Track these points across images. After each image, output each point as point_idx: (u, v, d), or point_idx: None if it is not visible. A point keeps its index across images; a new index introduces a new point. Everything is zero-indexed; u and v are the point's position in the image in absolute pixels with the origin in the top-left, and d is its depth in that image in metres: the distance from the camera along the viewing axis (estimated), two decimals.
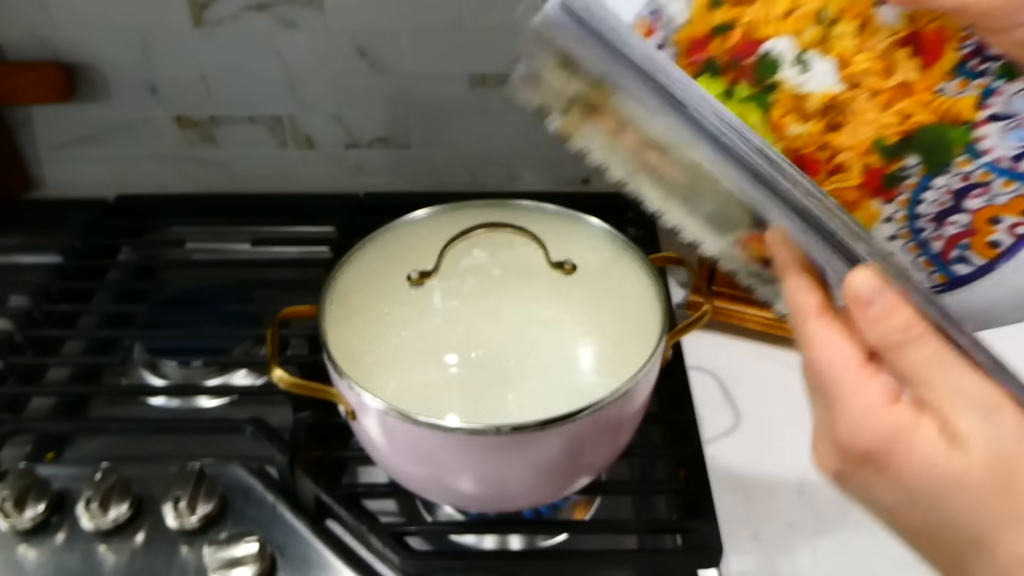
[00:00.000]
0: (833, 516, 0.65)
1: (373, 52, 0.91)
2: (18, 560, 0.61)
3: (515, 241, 0.63)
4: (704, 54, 0.43)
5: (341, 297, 0.61)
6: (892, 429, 0.32)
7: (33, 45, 0.92)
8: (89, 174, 1.02)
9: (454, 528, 0.67)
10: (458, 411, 0.54)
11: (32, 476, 0.63)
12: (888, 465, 0.32)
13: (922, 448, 0.32)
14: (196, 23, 0.90)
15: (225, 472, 0.67)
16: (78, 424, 0.77)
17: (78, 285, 0.88)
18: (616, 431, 0.60)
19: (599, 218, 0.68)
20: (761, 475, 0.68)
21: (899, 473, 0.32)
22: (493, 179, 1.02)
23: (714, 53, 0.42)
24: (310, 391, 0.58)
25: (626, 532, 0.68)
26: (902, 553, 0.63)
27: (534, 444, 0.54)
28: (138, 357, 0.83)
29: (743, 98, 0.42)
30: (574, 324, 0.60)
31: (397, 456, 0.59)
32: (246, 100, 0.96)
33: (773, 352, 0.80)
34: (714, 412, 0.74)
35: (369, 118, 0.97)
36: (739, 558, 0.62)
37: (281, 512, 0.64)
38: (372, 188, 1.01)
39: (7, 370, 0.77)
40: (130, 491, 0.64)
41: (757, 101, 0.42)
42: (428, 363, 0.58)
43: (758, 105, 0.42)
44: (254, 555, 0.58)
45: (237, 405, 0.78)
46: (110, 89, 0.96)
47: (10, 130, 0.99)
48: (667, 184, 0.45)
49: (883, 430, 0.32)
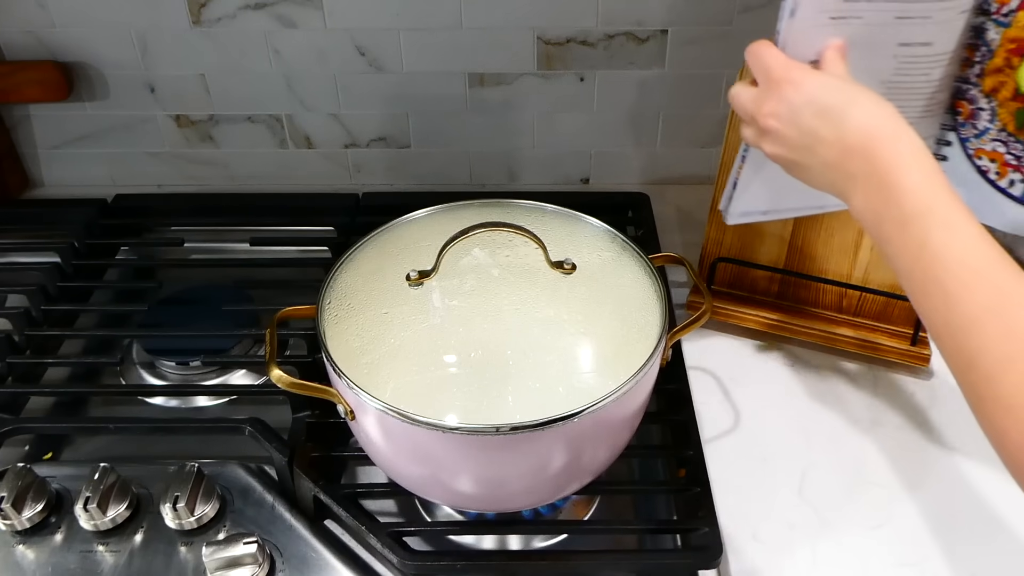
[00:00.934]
0: (833, 516, 0.65)
1: (372, 51, 0.91)
2: (17, 560, 0.61)
3: (515, 241, 0.63)
4: None
5: (340, 297, 0.61)
6: (798, 68, 0.53)
7: (31, 44, 0.92)
8: (87, 173, 1.02)
9: (453, 528, 0.67)
10: (457, 411, 0.54)
11: (31, 476, 0.63)
12: (794, 81, 0.51)
13: (813, 74, 0.52)
14: (194, 22, 0.89)
15: (224, 472, 0.66)
16: (77, 424, 0.76)
17: (76, 285, 0.88)
18: (616, 431, 0.60)
19: (599, 218, 0.68)
20: (761, 475, 0.68)
21: (807, 82, 0.51)
22: (493, 179, 1.02)
23: None
24: (309, 391, 0.58)
25: (626, 532, 0.68)
26: (902, 553, 0.63)
27: (534, 444, 0.54)
28: (137, 357, 0.83)
29: None
30: (574, 324, 0.60)
31: (396, 456, 0.59)
32: (245, 99, 0.96)
33: (773, 352, 0.80)
34: (714, 412, 0.74)
35: (368, 118, 0.97)
36: (739, 558, 0.62)
37: (280, 512, 0.64)
38: (371, 188, 1.01)
39: (5, 370, 0.76)
40: (128, 491, 0.64)
41: None
42: (427, 363, 0.58)
43: None
44: (253, 555, 0.58)
45: (236, 405, 0.78)
46: (108, 88, 0.95)
47: (8, 129, 0.99)
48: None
49: (794, 67, 0.52)
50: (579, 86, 0.93)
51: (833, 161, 0.49)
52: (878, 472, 0.69)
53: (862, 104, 0.48)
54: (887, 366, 0.77)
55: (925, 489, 0.67)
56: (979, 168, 0.62)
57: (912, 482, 0.68)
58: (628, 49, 0.90)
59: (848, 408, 0.74)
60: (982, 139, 0.61)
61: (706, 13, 0.87)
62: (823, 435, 0.72)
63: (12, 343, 0.79)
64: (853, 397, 0.75)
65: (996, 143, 0.61)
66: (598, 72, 0.92)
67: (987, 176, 0.62)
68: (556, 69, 0.92)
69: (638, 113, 0.96)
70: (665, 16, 0.88)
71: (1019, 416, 0.39)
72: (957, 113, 0.62)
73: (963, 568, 0.62)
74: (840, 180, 0.49)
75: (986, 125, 0.61)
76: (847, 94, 0.49)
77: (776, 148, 0.53)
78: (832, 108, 0.49)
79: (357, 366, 0.56)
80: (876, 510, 0.66)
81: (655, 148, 0.99)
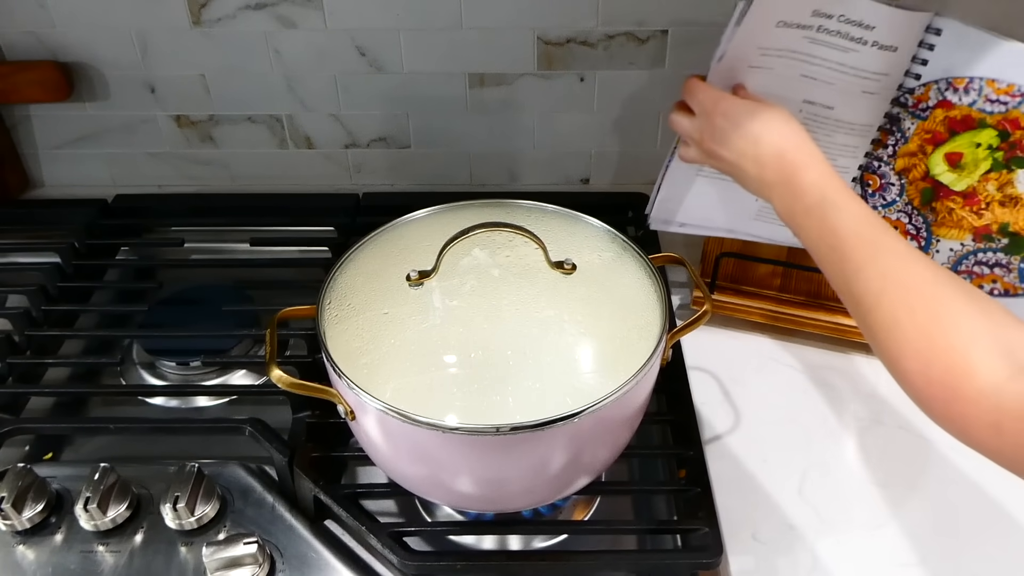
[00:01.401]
0: (833, 516, 0.65)
1: (373, 52, 0.91)
2: (17, 560, 0.61)
3: (515, 241, 0.63)
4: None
5: (340, 297, 0.61)
6: (725, 100, 0.63)
7: (32, 45, 0.92)
8: (88, 174, 1.02)
9: (453, 528, 0.67)
10: (457, 411, 0.54)
11: (31, 476, 0.63)
12: (729, 113, 0.62)
13: (737, 102, 0.62)
14: (194, 22, 0.89)
15: (224, 472, 0.66)
16: (77, 424, 0.76)
17: (77, 285, 0.88)
18: (616, 431, 0.60)
19: (599, 218, 0.68)
20: (761, 475, 0.68)
21: (732, 111, 0.61)
22: (493, 179, 1.02)
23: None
24: (309, 391, 0.58)
25: (626, 532, 0.68)
26: (902, 553, 0.63)
27: (534, 444, 0.54)
28: (137, 357, 0.83)
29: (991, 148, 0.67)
30: (574, 324, 0.60)
31: (396, 456, 0.59)
32: (245, 100, 0.96)
33: (773, 352, 0.80)
34: (714, 412, 0.74)
35: (368, 118, 0.97)
36: (739, 558, 0.62)
37: (280, 512, 0.64)
38: (371, 188, 1.01)
39: (6, 370, 0.76)
40: (129, 491, 0.64)
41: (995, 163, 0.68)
42: (427, 363, 0.57)
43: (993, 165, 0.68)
44: (253, 555, 0.58)
45: (236, 405, 0.78)
46: (108, 89, 0.95)
47: (8, 130, 0.99)
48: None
49: (721, 100, 0.63)
50: (579, 86, 0.93)
51: (756, 174, 0.60)
52: (878, 472, 0.69)
53: (773, 126, 0.60)
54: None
55: (925, 489, 0.67)
56: None
57: (912, 482, 0.68)
58: (628, 49, 0.90)
59: (848, 408, 0.74)
60: (889, 209, 0.73)
61: (706, 13, 0.87)
62: (823, 435, 0.72)
63: (12, 343, 0.79)
64: (854, 397, 0.75)
65: (900, 214, 0.72)
66: (598, 72, 0.92)
67: None
68: (556, 69, 0.92)
69: (638, 113, 0.96)
70: (665, 16, 0.88)
71: (896, 336, 0.49)
72: (867, 184, 0.73)
73: (963, 568, 0.62)
74: (764, 188, 0.60)
75: (894, 198, 0.72)
76: (762, 119, 0.60)
77: (719, 165, 0.64)
78: (751, 131, 0.60)
79: (357, 366, 0.56)
80: (876, 510, 0.66)
81: (655, 148, 0.99)
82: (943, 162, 0.69)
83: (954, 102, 0.67)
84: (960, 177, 0.69)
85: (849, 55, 0.66)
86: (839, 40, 0.66)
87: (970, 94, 0.66)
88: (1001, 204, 0.68)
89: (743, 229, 0.76)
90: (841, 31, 0.65)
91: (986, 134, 0.67)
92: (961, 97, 0.67)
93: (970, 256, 0.70)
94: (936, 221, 0.71)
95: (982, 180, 0.68)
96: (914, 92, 0.68)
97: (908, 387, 0.49)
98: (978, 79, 0.66)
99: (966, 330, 0.47)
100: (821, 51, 0.66)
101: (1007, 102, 0.66)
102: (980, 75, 0.66)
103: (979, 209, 0.69)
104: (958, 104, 0.67)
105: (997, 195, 0.68)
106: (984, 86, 0.66)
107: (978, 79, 0.66)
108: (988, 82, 0.66)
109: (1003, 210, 0.68)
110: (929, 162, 0.70)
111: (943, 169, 0.69)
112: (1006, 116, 0.66)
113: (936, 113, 0.68)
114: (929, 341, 0.47)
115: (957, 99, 0.67)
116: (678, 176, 0.73)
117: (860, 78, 0.68)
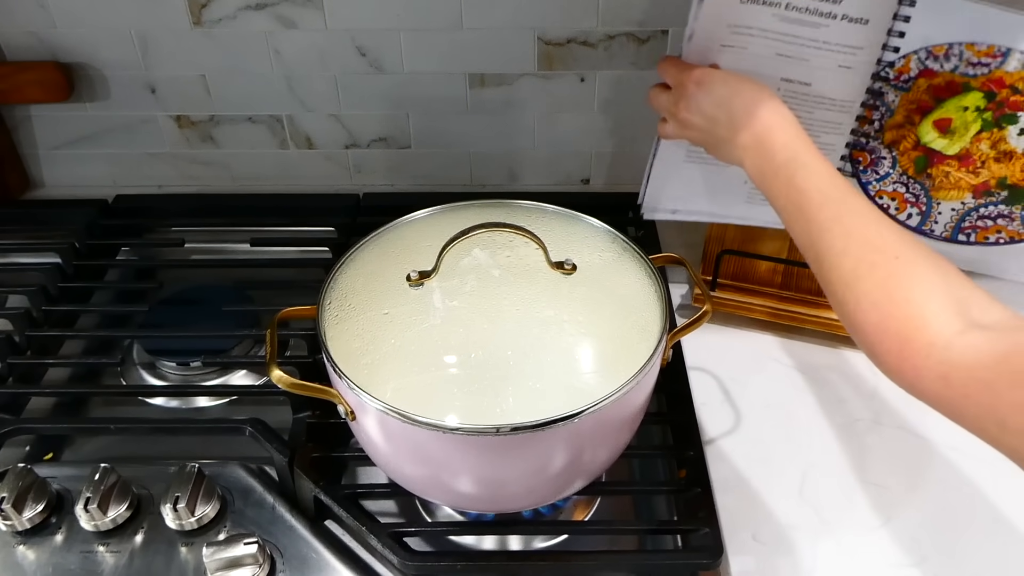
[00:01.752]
0: (833, 516, 0.65)
1: (373, 52, 0.91)
2: (17, 560, 0.61)
3: (515, 241, 0.63)
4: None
5: (340, 297, 0.61)
6: (698, 69, 0.64)
7: (32, 45, 0.92)
8: (88, 174, 1.02)
9: (454, 528, 0.67)
10: (458, 411, 0.54)
11: (31, 476, 0.63)
12: (702, 80, 0.63)
13: (710, 72, 0.64)
14: (195, 23, 0.89)
15: (224, 472, 0.66)
16: (77, 424, 0.76)
17: (77, 285, 0.88)
18: (616, 431, 0.60)
19: (599, 218, 0.68)
20: (761, 475, 0.68)
21: (704, 78, 0.63)
22: (493, 179, 1.02)
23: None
24: (309, 391, 0.58)
25: (626, 532, 0.68)
26: (902, 553, 0.63)
27: (534, 444, 0.54)
28: (137, 357, 0.83)
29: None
30: (574, 324, 0.60)
31: (397, 456, 0.59)
32: (245, 100, 0.96)
33: (773, 352, 0.80)
34: (714, 412, 0.74)
35: (369, 118, 0.97)
36: (739, 558, 0.62)
37: (281, 513, 0.64)
38: (372, 188, 1.01)
39: (6, 370, 0.77)
40: (129, 491, 0.64)
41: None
42: (428, 363, 0.58)
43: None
44: (253, 555, 0.58)
45: (236, 405, 0.78)
46: (109, 89, 0.95)
47: (9, 130, 0.99)
48: None
49: (695, 69, 0.64)
50: (579, 86, 0.93)
51: (729, 136, 0.61)
52: (878, 472, 0.69)
53: (744, 88, 0.61)
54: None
55: (925, 489, 0.67)
56: (880, 206, 0.74)
57: (912, 482, 0.68)
58: (628, 49, 0.90)
59: (848, 408, 0.74)
60: (884, 182, 0.74)
61: None
62: (823, 435, 0.72)
63: (13, 344, 0.79)
64: (854, 397, 0.75)
65: (897, 184, 0.73)
66: (598, 72, 0.92)
67: (888, 212, 0.74)
68: (556, 69, 0.92)
69: (638, 113, 0.96)
70: (665, 16, 0.88)
71: (855, 289, 0.51)
72: (858, 162, 0.74)
73: (963, 568, 0.62)
74: (737, 151, 0.61)
75: (888, 171, 0.73)
76: (732, 85, 0.62)
77: (692, 134, 0.65)
78: (723, 97, 0.62)
79: (357, 366, 0.56)
80: (876, 510, 0.66)
81: None
82: (933, 129, 0.70)
83: (936, 70, 0.68)
84: (952, 142, 0.70)
85: (820, 30, 0.67)
86: (808, 16, 0.66)
87: (951, 60, 0.67)
88: (996, 160, 0.70)
89: (735, 213, 0.77)
90: (809, 7, 0.66)
91: (972, 97, 0.68)
92: (942, 64, 0.68)
93: (972, 213, 0.72)
94: (934, 186, 0.72)
95: (974, 141, 0.70)
96: (894, 65, 0.69)
97: (863, 338, 0.51)
98: (957, 44, 0.67)
99: (924, 286, 0.49)
100: (792, 28, 0.67)
101: (988, 63, 0.67)
102: (959, 40, 0.67)
103: (975, 168, 0.70)
104: (940, 71, 0.68)
105: (991, 152, 0.69)
106: (964, 50, 0.67)
107: (957, 44, 0.67)
108: (967, 46, 0.67)
109: (999, 165, 0.70)
110: (919, 131, 0.71)
111: (934, 136, 0.70)
112: (989, 77, 0.67)
113: (919, 83, 0.69)
114: (887, 294, 0.50)
115: (938, 66, 0.68)
116: (666, 163, 0.74)
117: (834, 52, 0.68)
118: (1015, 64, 0.66)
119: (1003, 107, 0.68)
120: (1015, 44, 0.66)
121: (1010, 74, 0.67)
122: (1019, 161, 0.69)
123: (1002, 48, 0.66)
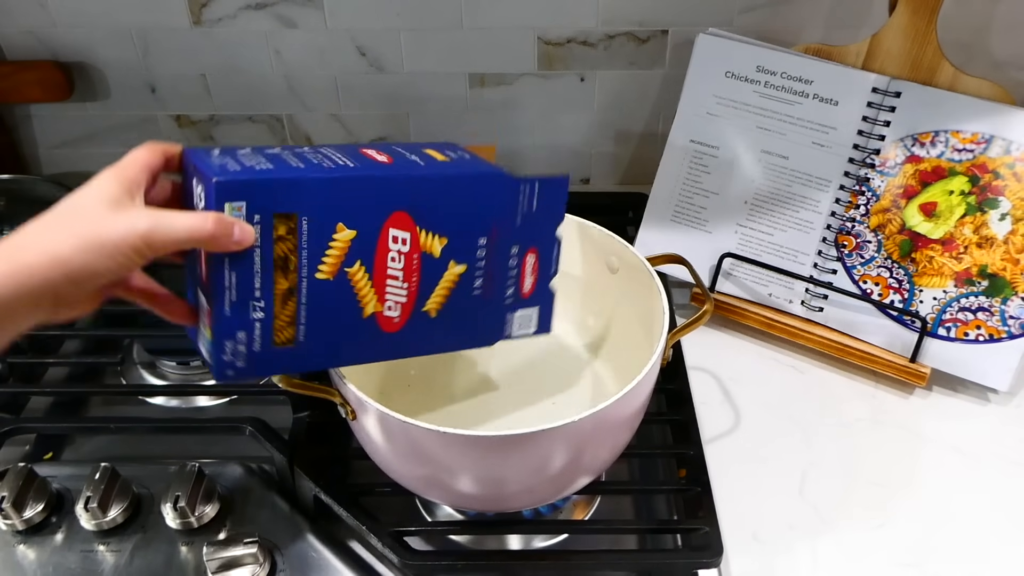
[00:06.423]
0: (833, 516, 0.65)
1: (373, 52, 0.91)
2: (17, 560, 0.61)
3: None
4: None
5: None
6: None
7: (32, 44, 0.92)
8: (88, 174, 1.02)
9: (454, 528, 0.67)
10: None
11: (31, 476, 0.63)
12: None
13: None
14: (195, 22, 0.90)
15: (224, 472, 0.66)
16: (77, 424, 0.76)
17: None
18: (616, 431, 0.60)
19: (599, 218, 0.68)
20: (761, 475, 0.68)
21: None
22: None
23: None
24: (310, 391, 0.58)
25: (626, 532, 0.68)
26: (902, 553, 0.63)
27: (534, 444, 0.54)
28: (137, 356, 0.83)
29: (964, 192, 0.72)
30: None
31: (397, 456, 0.59)
32: (245, 99, 0.96)
33: (773, 352, 0.80)
34: (714, 412, 0.74)
35: (369, 118, 0.97)
36: (739, 558, 0.62)
37: (281, 512, 0.64)
38: None
39: (6, 370, 0.77)
40: (129, 491, 0.64)
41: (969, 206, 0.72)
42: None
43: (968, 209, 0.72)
44: (253, 555, 0.58)
45: (236, 405, 0.78)
46: (109, 88, 0.96)
47: (9, 130, 0.99)
48: None
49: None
50: (579, 86, 0.94)
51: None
52: (878, 472, 0.69)
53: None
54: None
55: (925, 489, 0.67)
56: (864, 291, 0.76)
57: (912, 482, 0.68)
58: (628, 49, 0.90)
59: (848, 408, 0.74)
60: (868, 266, 0.76)
61: (706, 13, 0.87)
62: (823, 435, 0.72)
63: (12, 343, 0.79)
64: (853, 397, 0.75)
65: (881, 269, 0.75)
66: (598, 72, 0.93)
67: (871, 297, 0.75)
68: (556, 69, 0.92)
69: (638, 113, 0.96)
70: (665, 16, 0.88)
71: None
72: (843, 246, 0.76)
73: (963, 568, 0.62)
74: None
75: (873, 254, 0.75)
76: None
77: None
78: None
79: None
80: (876, 510, 0.66)
81: (655, 148, 0.99)
82: (919, 213, 0.73)
83: (922, 156, 0.72)
84: (937, 225, 0.72)
85: (795, 107, 0.74)
86: (784, 94, 0.74)
87: (937, 146, 0.71)
88: (978, 246, 0.71)
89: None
90: (785, 86, 0.74)
91: (957, 181, 0.71)
92: (929, 150, 0.72)
93: (953, 303, 0.73)
94: (917, 271, 0.74)
95: (958, 225, 0.72)
96: (880, 152, 0.73)
97: None
98: (943, 132, 0.71)
99: None
100: (770, 104, 0.75)
101: (973, 149, 0.71)
102: (944, 128, 0.71)
103: (959, 254, 0.72)
104: (927, 157, 0.72)
105: (974, 237, 0.71)
106: (950, 137, 0.71)
107: (943, 132, 0.71)
108: (953, 133, 0.71)
109: (980, 252, 0.71)
110: (904, 215, 0.73)
111: (919, 220, 0.73)
112: (973, 162, 0.71)
113: (906, 168, 0.73)
114: None
115: (925, 152, 0.72)
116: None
117: (808, 129, 0.74)
118: (997, 150, 0.70)
119: (986, 191, 0.70)
120: (996, 131, 0.70)
121: (992, 159, 0.70)
122: (999, 248, 0.71)
123: (985, 135, 0.70)
